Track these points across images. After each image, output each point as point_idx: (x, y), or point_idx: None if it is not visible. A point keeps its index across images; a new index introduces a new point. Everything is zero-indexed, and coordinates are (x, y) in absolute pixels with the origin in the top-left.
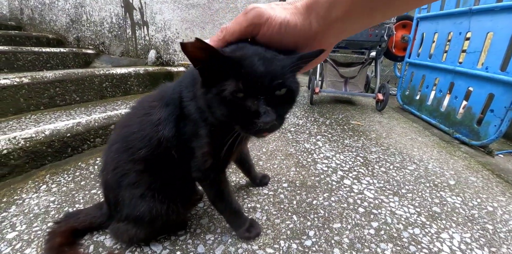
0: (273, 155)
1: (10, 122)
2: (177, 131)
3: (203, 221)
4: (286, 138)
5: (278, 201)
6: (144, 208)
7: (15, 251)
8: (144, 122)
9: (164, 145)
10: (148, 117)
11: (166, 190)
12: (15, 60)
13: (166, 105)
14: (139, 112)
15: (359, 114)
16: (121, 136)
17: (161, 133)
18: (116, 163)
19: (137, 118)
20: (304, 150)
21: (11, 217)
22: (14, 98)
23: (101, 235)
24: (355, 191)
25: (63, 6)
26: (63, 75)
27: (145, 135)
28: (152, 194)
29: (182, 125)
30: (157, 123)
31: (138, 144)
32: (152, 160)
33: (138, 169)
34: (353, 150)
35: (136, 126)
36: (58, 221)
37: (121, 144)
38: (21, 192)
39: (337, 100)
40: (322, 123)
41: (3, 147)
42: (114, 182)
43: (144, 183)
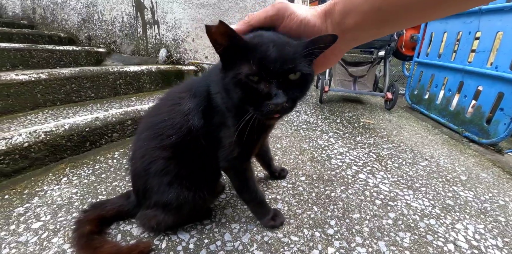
0: (288, 151)
1: (28, 117)
2: (206, 122)
3: (227, 211)
4: (299, 135)
5: (297, 193)
6: (172, 195)
7: (42, 240)
8: (174, 111)
9: (194, 133)
10: (178, 106)
11: (193, 178)
12: (30, 57)
13: (194, 96)
14: (168, 102)
15: (369, 113)
16: (150, 124)
17: (191, 122)
18: (145, 151)
19: (167, 107)
20: (317, 146)
21: (35, 208)
22: (32, 93)
23: (127, 224)
24: (371, 185)
25: (75, 5)
26: (79, 72)
27: (176, 123)
28: (180, 182)
29: (209, 116)
30: (187, 112)
31: (169, 131)
32: (180, 147)
33: (166, 156)
34: (366, 147)
35: (165, 114)
36: (86, 210)
37: (150, 132)
38: (42, 184)
39: (346, 99)
40: (333, 121)
41: (24, 140)
42: (143, 169)
43: (171, 170)
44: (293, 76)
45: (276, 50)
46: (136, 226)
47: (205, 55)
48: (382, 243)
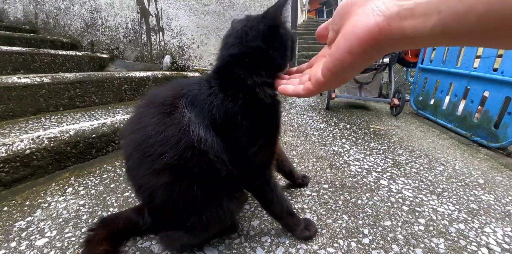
0: (305, 158)
1: (30, 122)
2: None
3: (254, 223)
4: (312, 141)
5: (324, 201)
6: (193, 218)
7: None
8: (165, 122)
9: (198, 148)
10: (170, 116)
11: (209, 194)
12: (32, 61)
13: (192, 104)
14: (154, 111)
15: (376, 119)
16: (133, 145)
17: (194, 135)
18: (139, 181)
19: (153, 118)
20: (333, 152)
21: (38, 222)
22: (34, 97)
23: (145, 240)
24: (394, 191)
25: (79, 11)
26: (84, 77)
27: (169, 136)
28: (196, 204)
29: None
30: (184, 123)
31: (160, 148)
32: (180, 165)
33: (164, 182)
34: (381, 153)
35: (152, 128)
36: (93, 228)
37: (136, 156)
38: (45, 195)
39: (351, 106)
40: (343, 127)
41: (26, 147)
42: (148, 202)
43: (179, 198)
44: None
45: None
46: (156, 243)
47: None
48: (419, 251)
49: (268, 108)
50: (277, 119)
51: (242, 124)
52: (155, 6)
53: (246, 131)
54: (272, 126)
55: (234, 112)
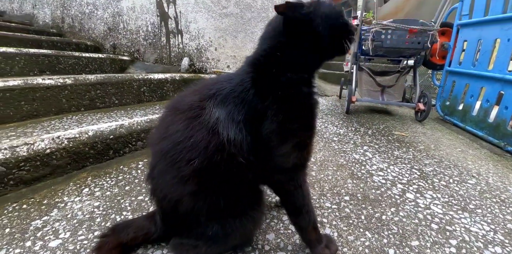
0: (324, 166)
1: (52, 122)
2: (249, 131)
3: (269, 236)
4: (331, 148)
5: (345, 215)
6: (216, 228)
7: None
8: (193, 127)
9: (227, 150)
10: (197, 119)
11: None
12: (57, 63)
13: (222, 103)
14: (181, 117)
15: (400, 125)
16: (161, 153)
17: (223, 136)
18: (164, 189)
19: (180, 124)
20: (354, 161)
21: (53, 222)
22: (57, 98)
23: (156, 249)
24: (422, 206)
25: (102, 15)
26: (104, 78)
27: (198, 141)
28: (221, 214)
29: (256, 122)
30: (213, 125)
31: (188, 154)
32: (208, 171)
33: (191, 191)
34: (406, 162)
35: (180, 134)
36: (105, 234)
37: (163, 164)
38: (62, 194)
39: (373, 110)
40: (365, 133)
41: (46, 146)
42: (170, 210)
43: (204, 207)
44: None
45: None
46: (167, 252)
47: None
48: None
49: (303, 106)
50: (312, 118)
51: (273, 120)
52: (174, 9)
53: (277, 129)
54: (306, 126)
55: (265, 107)
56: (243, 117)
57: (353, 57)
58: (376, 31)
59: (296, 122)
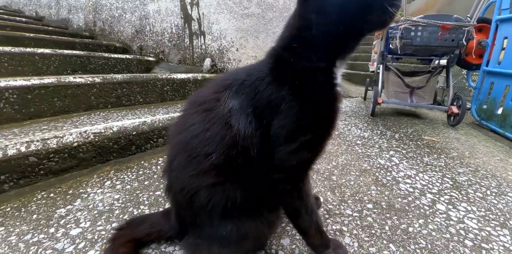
0: (346, 170)
1: (81, 117)
2: (259, 124)
3: (284, 242)
4: (354, 151)
5: (367, 225)
6: (230, 228)
7: (78, 251)
8: (209, 119)
9: (240, 144)
10: (214, 112)
11: (252, 202)
12: (88, 63)
13: (236, 94)
14: (197, 109)
15: (430, 129)
16: (179, 146)
17: (236, 128)
18: (182, 182)
19: (198, 117)
20: (379, 166)
21: (76, 211)
22: (86, 95)
23: (169, 245)
24: (454, 219)
25: (130, 19)
26: (130, 78)
27: (214, 134)
28: (236, 212)
29: (266, 114)
30: (228, 116)
31: (206, 148)
32: (226, 166)
33: (209, 184)
34: (437, 170)
35: (197, 127)
36: (121, 227)
37: (181, 157)
38: (86, 185)
39: (400, 113)
40: (391, 137)
41: (74, 140)
42: (186, 203)
43: (221, 201)
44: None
45: None
46: (179, 249)
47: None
48: None
49: (319, 98)
50: (329, 113)
51: (283, 112)
52: (197, 11)
53: (287, 122)
54: (320, 121)
55: (277, 97)
56: (254, 108)
57: (380, 56)
58: (405, 28)
59: (309, 116)
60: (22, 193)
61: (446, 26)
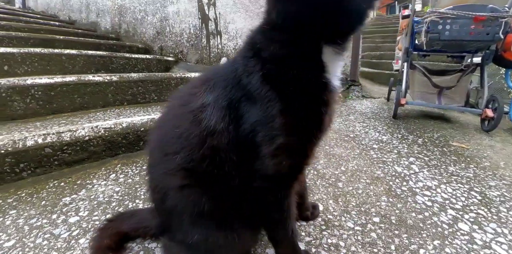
0: (356, 177)
1: (97, 113)
2: (233, 121)
3: (270, 251)
4: (369, 156)
5: (369, 241)
6: (198, 237)
7: (71, 238)
8: (182, 115)
9: (209, 143)
10: (186, 107)
11: (224, 212)
12: (110, 63)
13: (213, 88)
14: (175, 105)
15: (460, 134)
16: (154, 143)
17: (205, 124)
18: (155, 181)
19: (173, 113)
20: (395, 174)
21: (78, 201)
22: (104, 93)
23: (153, 241)
24: (479, 243)
25: (151, 20)
26: (145, 76)
27: (183, 132)
28: (205, 219)
29: (242, 111)
30: (199, 111)
31: (173, 147)
32: (193, 168)
33: (176, 185)
34: (464, 182)
35: (170, 123)
36: (111, 219)
37: (155, 154)
38: (93, 177)
39: (426, 115)
40: (413, 142)
41: (86, 134)
42: (159, 204)
43: (188, 205)
44: None
45: None
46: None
47: None
48: None
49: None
50: (312, 113)
51: (257, 107)
52: (214, 11)
53: (261, 119)
54: (300, 122)
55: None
56: (228, 102)
57: (404, 53)
58: (432, 20)
59: (285, 115)
60: (38, 181)
61: (479, 17)
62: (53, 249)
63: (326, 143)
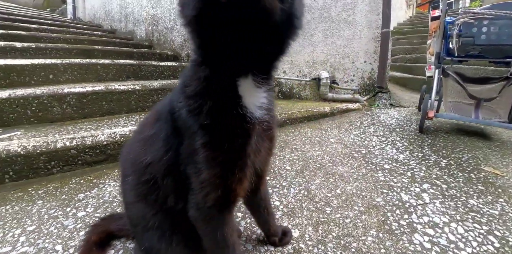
0: (349, 203)
1: (120, 119)
2: (167, 152)
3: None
4: (374, 179)
5: None
6: (147, 245)
7: (74, 230)
8: (135, 142)
9: (148, 170)
10: (140, 135)
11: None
12: (139, 71)
13: (157, 121)
14: (136, 131)
15: (497, 157)
16: (124, 154)
17: (145, 153)
18: (122, 194)
19: (132, 138)
20: (398, 203)
21: (89, 198)
22: (128, 100)
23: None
24: None
25: (180, 29)
26: (165, 85)
27: (133, 158)
28: (150, 232)
29: (175, 143)
30: (143, 141)
31: (128, 170)
32: (140, 189)
33: (131, 201)
34: (483, 221)
35: (129, 148)
36: (104, 218)
37: (124, 167)
38: (107, 177)
39: (461, 130)
40: (434, 164)
41: (104, 139)
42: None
43: (139, 219)
44: None
45: None
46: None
47: (283, 69)
48: None
49: (215, 124)
50: (230, 143)
51: (183, 141)
52: None
53: (186, 153)
54: (221, 153)
55: (177, 125)
56: (164, 134)
57: (436, 59)
58: (464, 22)
59: (207, 147)
60: (64, 177)
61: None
62: (59, 237)
63: (331, 159)
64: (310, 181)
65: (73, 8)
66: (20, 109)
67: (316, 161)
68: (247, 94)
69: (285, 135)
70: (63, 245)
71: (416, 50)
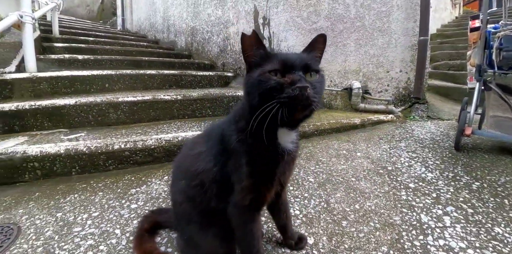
0: (365, 218)
1: (164, 125)
2: (216, 165)
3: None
4: (396, 197)
5: None
6: (189, 235)
7: (129, 218)
8: (187, 156)
9: (199, 177)
10: (192, 151)
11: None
12: (180, 80)
13: (208, 140)
14: (187, 147)
15: None
16: (173, 168)
17: (197, 165)
18: (172, 194)
19: (184, 153)
20: (415, 224)
21: (139, 193)
22: (171, 109)
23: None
24: None
25: (216, 40)
26: (203, 95)
27: (186, 167)
28: (192, 225)
29: (222, 160)
30: (196, 155)
31: (180, 176)
32: (189, 192)
33: (179, 201)
34: (505, 252)
35: (181, 159)
36: (153, 211)
37: (173, 177)
38: (153, 176)
39: (504, 149)
40: (465, 186)
41: (152, 143)
42: (173, 209)
43: (185, 215)
44: (309, 77)
45: (295, 54)
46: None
47: None
48: None
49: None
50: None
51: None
52: (268, 30)
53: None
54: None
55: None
56: (215, 151)
57: (476, 71)
58: (505, 35)
59: (249, 165)
60: (118, 174)
61: None
62: (118, 223)
63: (354, 174)
64: (331, 194)
65: (122, 21)
66: (84, 114)
67: (339, 175)
68: (281, 136)
69: (312, 147)
70: (121, 229)
71: (461, 55)
